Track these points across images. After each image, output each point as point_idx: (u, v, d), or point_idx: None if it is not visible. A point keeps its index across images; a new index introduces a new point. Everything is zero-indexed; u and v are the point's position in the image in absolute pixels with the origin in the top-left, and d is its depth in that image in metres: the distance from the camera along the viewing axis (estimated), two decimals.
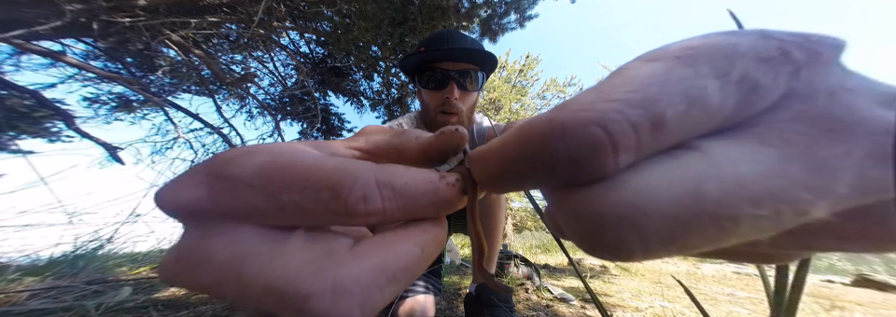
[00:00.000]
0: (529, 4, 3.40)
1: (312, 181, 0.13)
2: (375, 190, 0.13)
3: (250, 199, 0.13)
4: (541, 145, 0.10)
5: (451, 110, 0.96)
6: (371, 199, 0.13)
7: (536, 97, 9.83)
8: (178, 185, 0.13)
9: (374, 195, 0.13)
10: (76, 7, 2.00)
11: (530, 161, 0.11)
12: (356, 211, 0.13)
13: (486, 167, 0.13)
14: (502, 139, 0.12)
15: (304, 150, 0.15)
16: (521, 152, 0.11)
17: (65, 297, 0.99)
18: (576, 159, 0.10)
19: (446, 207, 0.15)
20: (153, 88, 3.19)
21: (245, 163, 0.13)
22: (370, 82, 4.17)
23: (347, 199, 0.13)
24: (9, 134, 2.47)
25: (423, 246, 0.14)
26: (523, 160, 0.11)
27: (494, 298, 0.98)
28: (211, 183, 0.13)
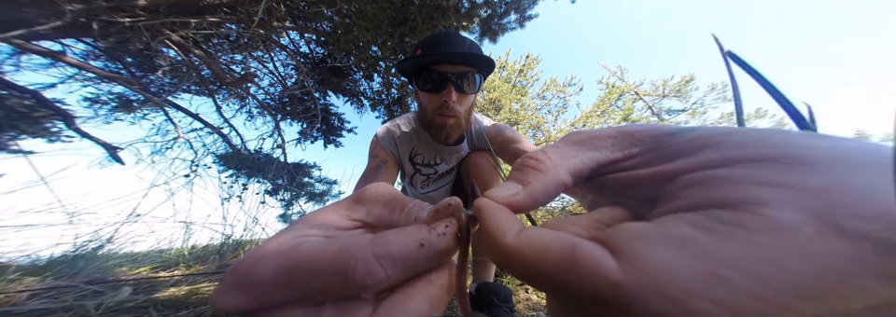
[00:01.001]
0: (529, 4, 3.40)
1: (322, 271, 0.15)
2: (375, 264, 0.15)
3: (280, 294, 0.15)
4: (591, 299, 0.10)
5: (448, 113, 0.96)
6: (374, 273, 0.15)
7: (536, 97, 9.83)
8: (223, 295, 0.16)
9: (375, 268, 0.15)
10: (76, 7, 2.00)
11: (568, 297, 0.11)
12: (365, 284, 0.15)
13: (508, 260, 0.13)
14: (542, 252, 0.12)
15: (304, 241, 0.17)
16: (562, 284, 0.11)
17: (65, 297, 0.99)
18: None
19: (443, 257, 0.16)
20: (153, 88, 3.19)
21: (263, 269, 0.16)
22: (370, 82, 4.17)
23: (355, 278, 0.15)
24: (9, 134, 2.47)
25: (430, 299, 0.16)
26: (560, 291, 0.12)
27: (494, 298, 0.98)
28: (246, 290, 0.16)
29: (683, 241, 0.10)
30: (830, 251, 0.09)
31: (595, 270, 0.10)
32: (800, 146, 0.11)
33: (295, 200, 3.65)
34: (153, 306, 0.99)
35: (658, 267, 0.10)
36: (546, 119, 9.77)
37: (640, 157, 0.17)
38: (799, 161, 0.11)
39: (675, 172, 0.14)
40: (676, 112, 10.44)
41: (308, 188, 3.93)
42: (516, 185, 0.17)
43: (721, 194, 0.11)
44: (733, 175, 0.11)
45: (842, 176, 0.10)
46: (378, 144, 1.12)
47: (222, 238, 1.96)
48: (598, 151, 0.18)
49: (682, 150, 0.15)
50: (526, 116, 9.14)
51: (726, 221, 0.10)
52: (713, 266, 0.09)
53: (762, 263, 0.09)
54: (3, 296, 0.98)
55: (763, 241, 0.09)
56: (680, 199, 0.12)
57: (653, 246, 0.10)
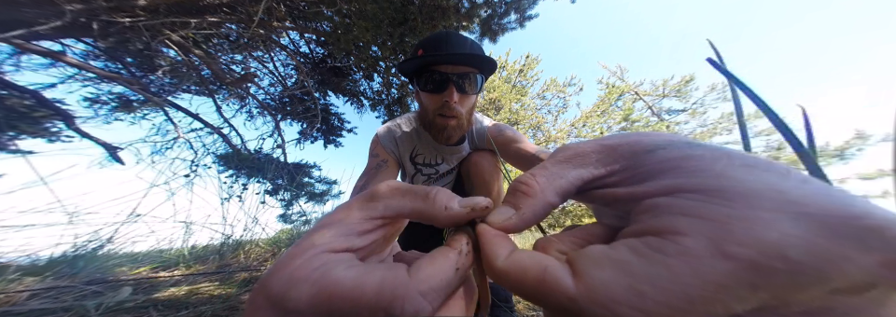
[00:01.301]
0: (529, 4, 3.40)
1: (364, 307, 0.15)
2: (422, 301, 0.16)
3: None
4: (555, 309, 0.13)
5: (450, 113, 0.96)
6: (421, 310, 0.15)
7: (536, 97, 9.83)
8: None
9: (423, 305, 0.16)
10: (76, 7, 2.00)
11: (542, 305, 0.14)
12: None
13: (500, 279, 0.16)
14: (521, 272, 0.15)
15: (337, 265, 0.17)
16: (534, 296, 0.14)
17: (65, 297, 0.99)
18: None
19: (468, 271, 0.18)
20: (153, 88, 3.19)
21: (297, 296, 0.15)
22: (370, 82, 4.17)
23: (403, 316, 0.15)
24: (9, 134, 2.47)
25: (466, 312, 0.18)
26: (535, 301, 0.14)
27: (494, 298, 0.98)
28: (281, 315, 0.16)
29: (621, 263, 0.13)
30: (714, 270, 0.11)
31: (557, 288, 0.13)
32: (727, 179, 0.14)
33: (295, 200, 3.65)
34: (153, 306, 0.99)
35: (600, 283, 0.12)
36: (546, 119, 9.78)
37: (620, 174, 0.18)
38: (720, 194, 0.13)
39: (641, 195, 0.16)
40: (676, 112, 10.45)
41: (308, 188, 3.93)
42: (510, 209, 0.19)
43: (658, 222, 0.14)
44: (673, 205, 0.14)
45: (743, 210, 0.12)
46: (378, 143, 1.12)
47: (222, 238, 1.95)
48: (583, 168, 0.20)
49: (651, 172, 0.17)
50: (526, 115, 9.16)
51: (653, 246, 0.13)
52: (635, 282, 0.12)
53: (667, 279, 0.12)
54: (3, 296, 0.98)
55: (672, 263, 0.12)
56: (636, 223, 0.15)
57: (600, 267, 0.13)
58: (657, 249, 0.13)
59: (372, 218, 0.20)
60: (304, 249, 0.18)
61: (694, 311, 0.12)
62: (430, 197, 0.20)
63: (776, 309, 0.13)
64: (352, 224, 0.19)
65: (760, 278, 0.11)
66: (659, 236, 0.13)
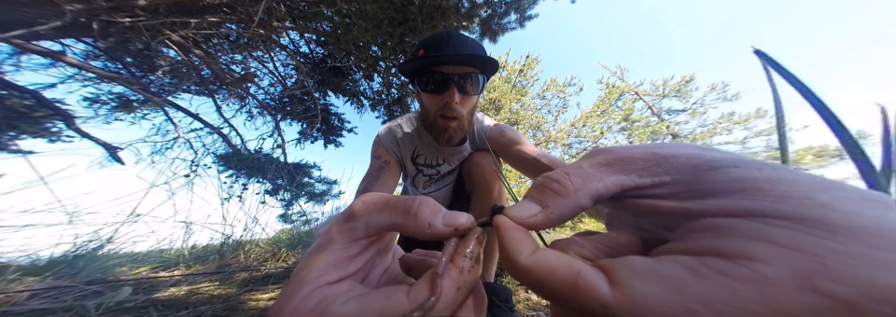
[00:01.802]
0: (529, 4, 3.40)
1: None
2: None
3: None
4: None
5: (451, 114, 0.95)
6: None
7: (536, 97, 9.82)
8: None
9: None
10: (76, 7, 2.00)
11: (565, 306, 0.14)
12: None
13: (521, 276, 0.15)
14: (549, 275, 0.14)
15: (333, 301, 0.16)
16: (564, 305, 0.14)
17: (65, 297, 0.99)
18: None
19: (474, 285, 0.18)
20: (153, 88, 3.19)
21: None
22: (370, 82, 4.17)
23: None
24: (9, 134, 2.47)
25: None
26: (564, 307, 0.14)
27: (494, 298, 0.98)
28: None
29: (671, 279, 0.12)
30: (793, 302, 0.10)
31: (591, 294, 0.13)
32: (835, 211, 0.12)
33: (295, 200, 3.65)
34: (153, 306, 0.99)
35: (643, 296, 0.12)
36: (546, 119, 9.78)
37: (670, 186, 0.17)
38: (821, 225, 0.12)
39: (698, 213, 0.15)
40: (676, 112, 10.44)
41: (308, 188, 3.93)
42: (535, 206, 0.18)
43: (725, 244, 0.12)
44: (748, 229, 0.13)
45: (850, 245, 0.11)
46: (380, 144, 1.12)
47: (222, 238, 1.95)
48: (626, 175, 0.18)
49: (716, 190, 0.15)
50: (526, 115, 9.15)
51: (716, 268, 0.12)
52: (687, 301, 0.11)
53: (728, 303, 0.11)
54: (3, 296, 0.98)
55: (738, 287, 0.11)
56: (691, 241, 0.14)
57: (645, 280, 0.12)
58: (721, 271, 0.11)
59: (356, 240, 0.19)
60: (299, 286, 0.17)
61: None
62: (412, 212, 0.19)
63: None
64: (337, 251, 0.19)
65: None
66: (725, 258, 0.12)
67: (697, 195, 0.15)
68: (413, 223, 0.18)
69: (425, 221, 0.18)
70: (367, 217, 0.20)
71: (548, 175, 0.19)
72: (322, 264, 0.18)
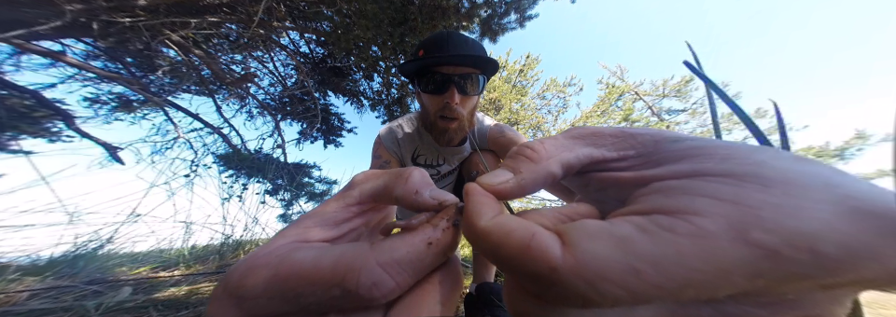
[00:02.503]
0: (529, 4, 3.40)
1: (318, 283, 0.14)
2: (382, 274, 0.14)
3: (275, 307, 0.15)
4: (530, 275, 0.13)
5: (451, 115, 0.95)
6: (381, 283, 0.14)
7: (536, 97, 9.82)
8: (215, 308, 0.15)
9: (383, 278, 0.14)
10: (76, 7, 2.00)
11: (513, 269, 0.13)
12: (372, 297, 0.14)
13: (468, 231, 0.15)
14: (499, 231, 0.14)
15: (299, 249, 0.16)
16: (509, 259, 0.13)
17: (65, 297, 0.99)
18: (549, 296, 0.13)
19: (450, 251, 0.16)
20: (153, 88, 3.19)
21: (253, 282, 0.15)
22: (370, 82, 4.17)
23: (358, 292, 0.14)
24: (9, 134, 2.47)
25: (442, 300, 0.16)
26: (507, 264, 0.13)
27: (494, 298, 0.98)
28: (238, 303, 0.15)
29: (620, 238, 0.12)
30: (727, 255, 0.11)
31: (542, 256, 0.12)
32: (769, 167, 0.13)
33: (295, 200, 3.65)
34: (153, 306, 0.99)
35: (591, 257, 0.11)
36: (546, 119, 9.77)
37: (632, 159, 0.18)
38: (756, 180, 0.12)
39: (650, 179, 0.16)
40: (676, 112, 10.44)
41: (308, 188, 3.93)
42: (507, 172, 0.18)
43: (671, 202, 0.13)
44: (692, 187, 0.13)
45: (781, 197, 0.11)
46: (381, 144, 1.12)
47: (222, 238, 1.95)
48: (595, 148, 0.19)
49: (671, 157, 0.16)
50: (526, 116, 9.15)
51: (662, 225, 0.12)
52: (633, 260, 0.11)
53: (671, 260, 0.11)
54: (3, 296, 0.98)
55: (682, 243, 0.11)
56: (639, 204, 0.14)
57: (594, 240, 0.12)
58: (666, 228, 0.12)
59: (349, 205, 0.19)
60: (277, 239, 0.17)
61: (682, 296, 0.11)
62: (404, 176, 0.19)
63: (748, 296, 0.12)
64: (327, 214, 0.19)
65: (771, 268, 0.11)
66: (670, 215, 0.12)
67: (653, 164, 0.16)
68: (403, 186, 0.18)
69: (413, 186, 0.18)
70: (363, 185, 0.20)
71: (523, 143, 0.20)
72: (309, 222, 0.18)
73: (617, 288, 0.11)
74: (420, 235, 0.16)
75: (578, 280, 0.11)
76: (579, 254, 0.12)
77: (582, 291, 0.11)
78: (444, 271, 0.17)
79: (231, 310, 0.15)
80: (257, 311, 0.15)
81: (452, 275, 0.17)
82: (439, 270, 0.17)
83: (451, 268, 0.17)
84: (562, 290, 0.12)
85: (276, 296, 0.14)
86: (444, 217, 0.17)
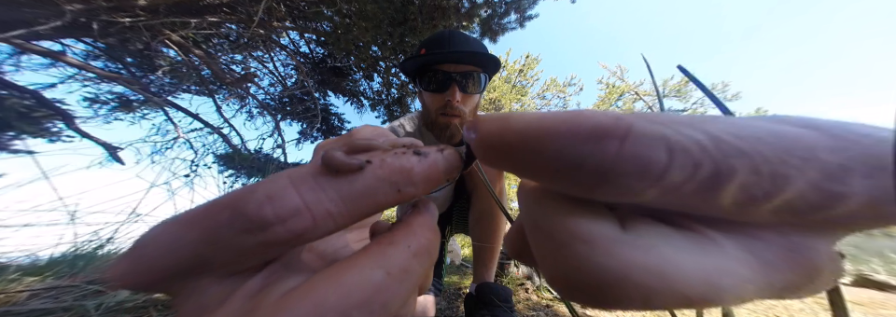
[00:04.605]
0: (529, 4, 3.40)
1: (208, 212, 0.11)
2: (287, 187, 0.11)
3: (173, 261, 0.11)
4: (590, 135, 0.09)
5: (452, 113, 0.94)
6: (278, 198, 0.10)
7: (536, 97, 9.83)
8: (114, 268, 0.12)
9: (285, 192, 0.11)
10: (76, 7, 2.00)
11: (562, 146, 0.09)
12: (262, 218, 0.10)
13: (503, 130, 0.11)
14: (541, 113, 0.10)
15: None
16: (559, 132, 0.09)
17: (65, 297, 0.99)
18: (616, 166, 0.09)
19: (407, 182, 0.12)
20: (153, 88, 3.19)
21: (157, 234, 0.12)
22: (370, 82, 4.17)
23: (246, 209, 0.10)
24: (9, 134, 2.47)
25: (388, 267, 0.11)
26: (554, 141, 0.09)
27: (494, 298, 0.98)
28: (137, 261, 0.12)
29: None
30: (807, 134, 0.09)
31: (597, 111, 0.10)
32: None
33: None
34: (153, 306, 0.99)
35: (652, 114, 0.10)
36: None
37: None
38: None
39: None
40: (676, 112, 10.45)
41: None
42: None
43: None
44: None
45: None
46: None
47: None
48: None
49: None
50: None
51: None
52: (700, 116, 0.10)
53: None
54: (3, 296, 0.98)
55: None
56: None
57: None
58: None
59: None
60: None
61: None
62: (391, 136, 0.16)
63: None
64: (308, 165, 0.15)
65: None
66: None
67: None
68: (387, 136, 0.16)
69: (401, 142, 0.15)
70: (351, 138, 0.18)
71: None
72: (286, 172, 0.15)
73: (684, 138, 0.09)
74: (366, 156, 0.12)
75: (648, 124, 0.09)
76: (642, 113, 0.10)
77: (657, 133, 0.09)
78: (409, 226, 0.13)
79: (127, 269, 0.12)
80: (154, 268, 0.11)
81: (423, 232, 0.13)
82: (404, 224, 0.13)
83: (419, 223, 0.13)
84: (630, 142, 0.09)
85: (174, 250, 0.11)
86: (408, 146, 0.14)
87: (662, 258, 0.09)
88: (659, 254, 0.09)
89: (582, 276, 0.09)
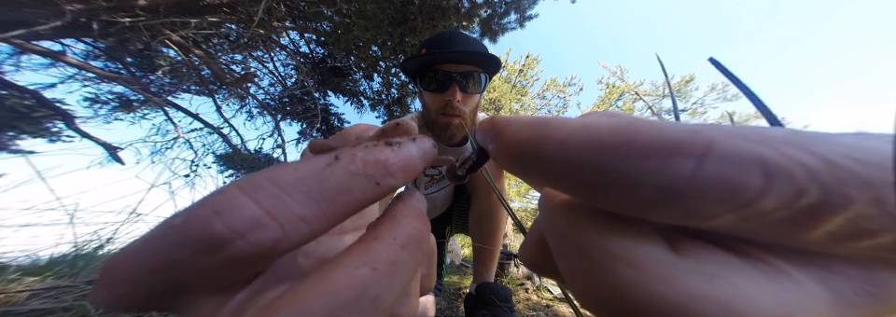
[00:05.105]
0: (529, 4, 3.40)
1: (159, 235, 0.10)
2: (237, 196, 0.09)
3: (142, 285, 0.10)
4: (655, 152, 0.08)
5: (453, 113, 0.95)
6: (227, 211, 0.09)
7: (536, 97, 9.83)
8: (92, 295, 0.11)
9: (236, 203, 0.09)
10: (76, 7, 2.00)
11: (617, 161, 0.08)
12: (214, 235, 0.09)
13: (540, 139, 0.09)
14: (586, 120, 0.09)
15: None
16: (615, 145, 0.08)
17: (65, 297, 0.99)
18: (686, 191, 0.08)
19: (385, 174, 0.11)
20: (153, 88, 3.19)
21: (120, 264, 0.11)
22: (370, 82, 4.17)
23: (190, 228, 0.09)
24: (9, 134, 2.47)
25: (373, 263, 0.10)
26: (607, 155, 0.08)
27: (494, 298, 0.98)
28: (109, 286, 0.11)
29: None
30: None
31: (662, 122, 0.09)
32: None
33: None
34: None
35: (734, 127, 0.08)
36: None
37: None
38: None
39: None
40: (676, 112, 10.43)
41: None
42: None
43: None
44: None
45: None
46: None
47: None
48: None
49: None
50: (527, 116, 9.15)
51: None
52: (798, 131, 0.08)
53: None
54: (3, 296, 0.98)
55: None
56: None
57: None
58: None
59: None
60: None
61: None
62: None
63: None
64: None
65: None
66: None
67: None
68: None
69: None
70: (343, 136, 0.17)
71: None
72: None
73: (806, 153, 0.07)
74: (333, 153, 0.11)
75: (734, 138, 0.08)
76: (719, 126, 0.08)
77: (759, 154, 0.07)
78: (391, 214, 0.12)
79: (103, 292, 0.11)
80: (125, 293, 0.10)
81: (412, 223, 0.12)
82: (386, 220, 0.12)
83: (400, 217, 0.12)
84: (713, 168, 0.07)
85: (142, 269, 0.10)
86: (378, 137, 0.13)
87: (731, 290, 0.08)
88: (728, 285, 0.08)
89: (629, 302, 0.09)
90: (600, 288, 0.09)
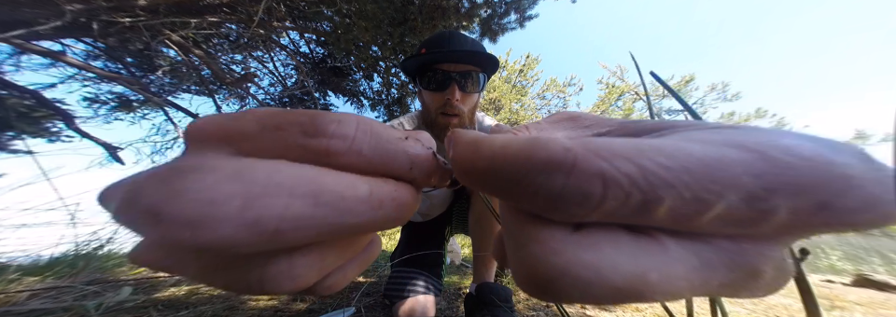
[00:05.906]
0: (529, 4, 3.40)
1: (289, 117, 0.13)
2: (353, 122, 0.13)
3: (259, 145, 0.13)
4: (543, 168, 0.10)
5: (452, 112, 0.95)
6: (344, 123, 0.13)
7: (536, 97, 9.84)
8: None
9: (348, 121, 0.13)
10: (76, 7, 2.00)
11: (522, 175, 0.11)
12: (324, 130, 0.13)
13: (474, 157, 0.12)
14: (509, 140, 0.12)
15: None
16: (518, 162, 0.11)
17: (65, 297, 0.99)
18: (562, 197, 0.10)
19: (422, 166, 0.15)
20: (153, 88, 3.19)
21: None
22: (370, 82, 4.17)
23: (318, 121, 0.13)
24: (9, 134, 2.47)
25: (373, 188, 0.13)
26: (515, 170, 0.11)
27: (494, 298, 0.98)
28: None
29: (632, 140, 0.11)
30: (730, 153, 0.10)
31: (552, 142, 0.11)
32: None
33: None
34: (153, 306, 0.99)
35: (599, 143, 0.11)
36: None
37: (612, 134, 0.18)
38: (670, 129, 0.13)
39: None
40: (676, 112, 10.44)
41: None
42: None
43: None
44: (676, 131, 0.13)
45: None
46: None
47: None
48: (573, 130, 0.19)
49: (640, 131, 0.15)
50: (526, 116, 9.16)
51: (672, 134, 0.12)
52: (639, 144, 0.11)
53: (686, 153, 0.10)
54: (3, 296, 0.98)
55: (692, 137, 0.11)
56: None
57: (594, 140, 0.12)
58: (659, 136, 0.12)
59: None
60: None
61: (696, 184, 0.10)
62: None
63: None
64: None
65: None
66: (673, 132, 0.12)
67: (632, 134, 0.16)
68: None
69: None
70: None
71: (509, 128, 0.20)
72: None
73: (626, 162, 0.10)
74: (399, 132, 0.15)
75: (593, 156, 0.10)
76: (587, 142, 0.11)
77: (597, 167, 0.10)
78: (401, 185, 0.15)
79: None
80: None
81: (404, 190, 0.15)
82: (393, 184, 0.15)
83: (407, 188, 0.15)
84: (578, 169, 0.10)
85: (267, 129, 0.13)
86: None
87: (599, 255, 0.10)
88: (597, 251, 0.10)
89: (534, 272, 0.11)
90: (519, 264, 0.12)
